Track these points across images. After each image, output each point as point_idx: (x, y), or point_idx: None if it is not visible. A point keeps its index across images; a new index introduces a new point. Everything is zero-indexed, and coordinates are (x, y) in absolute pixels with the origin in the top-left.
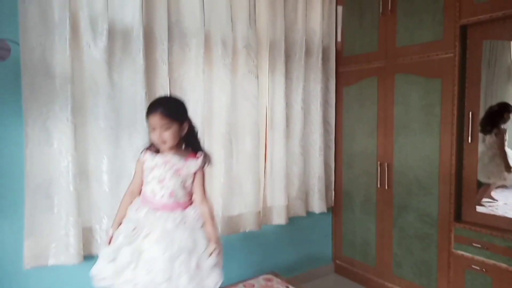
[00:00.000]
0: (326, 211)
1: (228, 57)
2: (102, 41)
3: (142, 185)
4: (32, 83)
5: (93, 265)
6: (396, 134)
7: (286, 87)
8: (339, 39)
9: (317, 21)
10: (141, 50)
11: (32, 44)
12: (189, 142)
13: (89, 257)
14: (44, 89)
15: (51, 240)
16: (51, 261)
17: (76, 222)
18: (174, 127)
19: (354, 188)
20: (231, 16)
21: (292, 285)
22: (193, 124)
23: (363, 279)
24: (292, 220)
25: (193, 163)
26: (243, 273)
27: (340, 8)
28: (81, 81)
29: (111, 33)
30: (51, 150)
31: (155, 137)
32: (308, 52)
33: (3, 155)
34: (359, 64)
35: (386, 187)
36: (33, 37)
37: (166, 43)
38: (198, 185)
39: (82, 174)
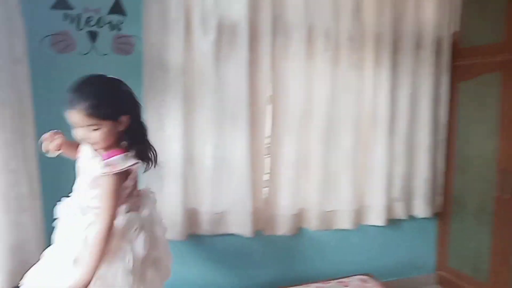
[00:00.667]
0: (430, 217)
1: (330, 50)
2: (211, 35)
3: None
4: (152, 75)
5: (196, 243)
6: None
7: (392, 82)
8: (455, 29)
9: (431, 10)
10: (246, 44)
11: (153, 40)
12: (127, 138)
13: (193, 235)
14: (161, 80)
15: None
16: None
17: (182, 203)
18: (105, 127)
19: (466, 195)
20: (335, 8)
21: None
22: (138, 116)
23: None
24: (391, 222)
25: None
26: (335, 271)
27: None
28: (191, 73)
29: (220, 28)
30: (164, 135)
31: (80, 135)
32: (418, 44)
33: None
34: (479, 56)
35: (508, 197)
36: (153, 34)
37: (269, 36)
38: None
39: (189, 159)
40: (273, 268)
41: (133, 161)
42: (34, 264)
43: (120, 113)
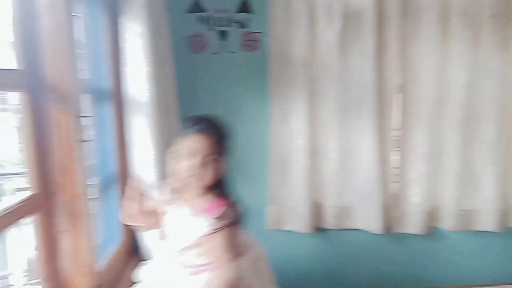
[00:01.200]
0: None
1: (469, 30)
2: (336, 25)
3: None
4: (277, 69)
5: (321, 236)
6: None
7: None
8: None
9: None
10: (372, 30)
11: (278, 34)
12: (221, 185)
13: (318, 229)
14: (285, 74)
15: (287, 208)
16: (287, 227)
17: (308, 196)
18: (221, 163)
19: None
20: None
21: None
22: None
23: None
24: None
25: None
26: (474, 277)
27: None
28: (316, 65)
29: (345, 17)
30: (289, 128)
31: (184, 168)
32: None
33: (254, 132)
34: None
35: None
36: (279, 28)
37: (398, 20)
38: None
39: (313, 152)
40: (401, 268)
41: (238, 208)
42: None
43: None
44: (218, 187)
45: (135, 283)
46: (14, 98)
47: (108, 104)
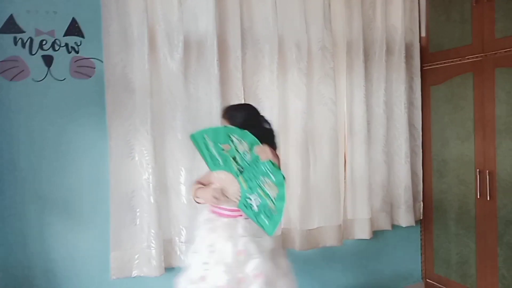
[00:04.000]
0: (414, 225)
1: (303, 61)
2: (178, 52)
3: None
4: (115, 98)
5: (173, 276)
6: (499, 137)
7: (366, 89)
8: (423, 34)
9: (398, 17)
10: (215, 60)
11: (114, 61)
12: None
13: (169, 269)
14: (125, 103)
15: (134, 252)
16: (135, 273)
17: (157, 235)
18: None
19: (446, 199)
20: (305, 18)
21: None
22: None
23: None
24: (376, 234)
25: None
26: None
27: (423, 1)
28: (159, 94)
29: (186, 45)
30: (133, 162)
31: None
32: (389, 51)
33: (90, 169)
34: (449, 60)
35: (488, 198)
36: (115, 54)
37: (239, 51)
38: None
39: (161, 186)
40: None
41: None
42: None
43: None
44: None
45: None
46: None
47: None
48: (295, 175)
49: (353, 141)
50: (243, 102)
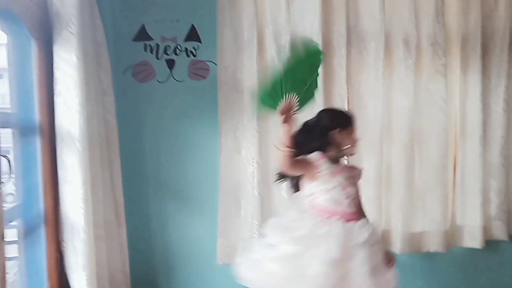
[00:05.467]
0: None
1: (411, 58)
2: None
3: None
4: (226, 98)
5: None
6: None
7: (482, 87)
8: None
9: None
10: None
11: (226, 63)
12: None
13: None
14: (235, 102)
15: (239, 240)
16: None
17: (260, 226)
18: None
19: None
20: (415, 13)
21: None
22: None
23: None
24: (489, 244)
25: (358, 171)
26: None
27: None
28: None
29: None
30: (240, 157)
31: (354, 139)
32: None
33: (203, 162)
34: None
35: None
36: (227, 56)
37: (344, 49)
38: (360, 196)
39: (265, 181)
40: None
41: None
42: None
43: None
44: None
45: None
46: None
47: (36, 139)
48: (398, 175)
49: (465, 142)
50: (346, 100)
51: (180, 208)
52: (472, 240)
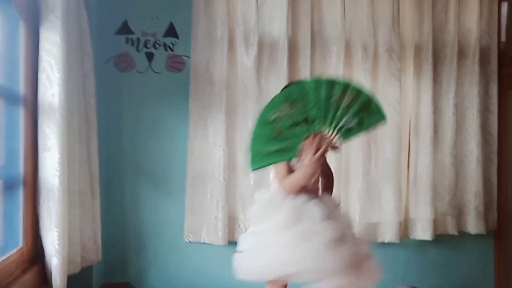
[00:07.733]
0: (484, 233)
1: (368, 61)
2: (253, 51)
3: None
4: (197, 90)
5: (235, 248)
6: None
7: (434, 92)
8: (503, 38)
9: (473, 20)
10: (285, 58)
11: (200, 58)
12: None
13: (232, 242)
14: (205, 94)
15: (204, 221)
16: (204, 239)
17: (223, 209)
18: None
19: None
20: (373, 22)
21: None
22: None
23: None
24: (440, 238)
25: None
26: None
27: (505, 5)
28: (234, 86)
29: (261, 44)
30: (208, 144)
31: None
32: (461, 54)
33: (175, 147)
34: None
35: None
36: (200, 52)
37: (308, 51)
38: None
39: (231, 167)
40: None
41: None
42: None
43: None
44: None
45: None
46: None
47: (20, 109)
48: (355, 169)
49: (418, 141)
50: None
51: (152, 188)
52: (424, 232)
